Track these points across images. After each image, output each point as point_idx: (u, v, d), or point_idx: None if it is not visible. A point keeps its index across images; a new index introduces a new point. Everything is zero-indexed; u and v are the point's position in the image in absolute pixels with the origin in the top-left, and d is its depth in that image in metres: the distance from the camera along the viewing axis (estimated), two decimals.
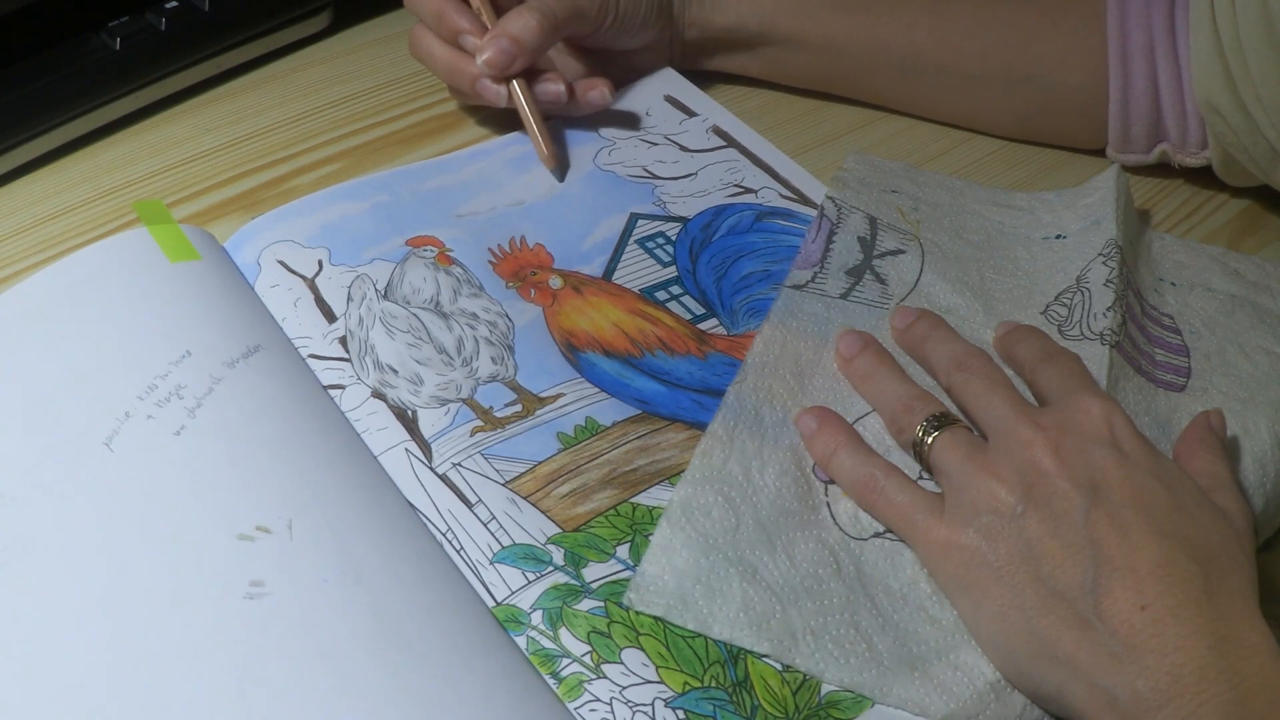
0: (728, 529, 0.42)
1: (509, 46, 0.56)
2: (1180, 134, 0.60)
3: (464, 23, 0.57)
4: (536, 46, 0.56)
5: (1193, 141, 0.60)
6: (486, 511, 0.43)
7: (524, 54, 0.56)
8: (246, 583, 0.39)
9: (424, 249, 0.53)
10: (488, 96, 0.58)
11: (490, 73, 0.56)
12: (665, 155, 0.60)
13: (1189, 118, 0.60)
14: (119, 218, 0.56)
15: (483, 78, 0.57)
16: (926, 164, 0.63)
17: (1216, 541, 0.38)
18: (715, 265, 0.54)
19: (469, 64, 0.57)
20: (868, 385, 0.48)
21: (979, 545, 0.40)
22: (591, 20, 0.59)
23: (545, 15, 0.56)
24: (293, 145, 0.61)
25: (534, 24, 0.56)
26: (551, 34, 0.57)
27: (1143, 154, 0.62)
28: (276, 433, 0.44)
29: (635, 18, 0.61)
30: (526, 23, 0.56)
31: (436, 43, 0.58)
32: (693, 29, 0.64)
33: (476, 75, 0.57)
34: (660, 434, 0.47)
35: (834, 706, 0.39)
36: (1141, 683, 0.36)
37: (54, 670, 0.37)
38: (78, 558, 0.40)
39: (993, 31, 0.62)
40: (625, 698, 0.39)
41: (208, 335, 0.46)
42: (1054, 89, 0.62)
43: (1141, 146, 0.62)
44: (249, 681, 0.37)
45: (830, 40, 0.64)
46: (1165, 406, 0.48)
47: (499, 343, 0.49)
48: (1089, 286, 0.51)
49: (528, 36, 0.56)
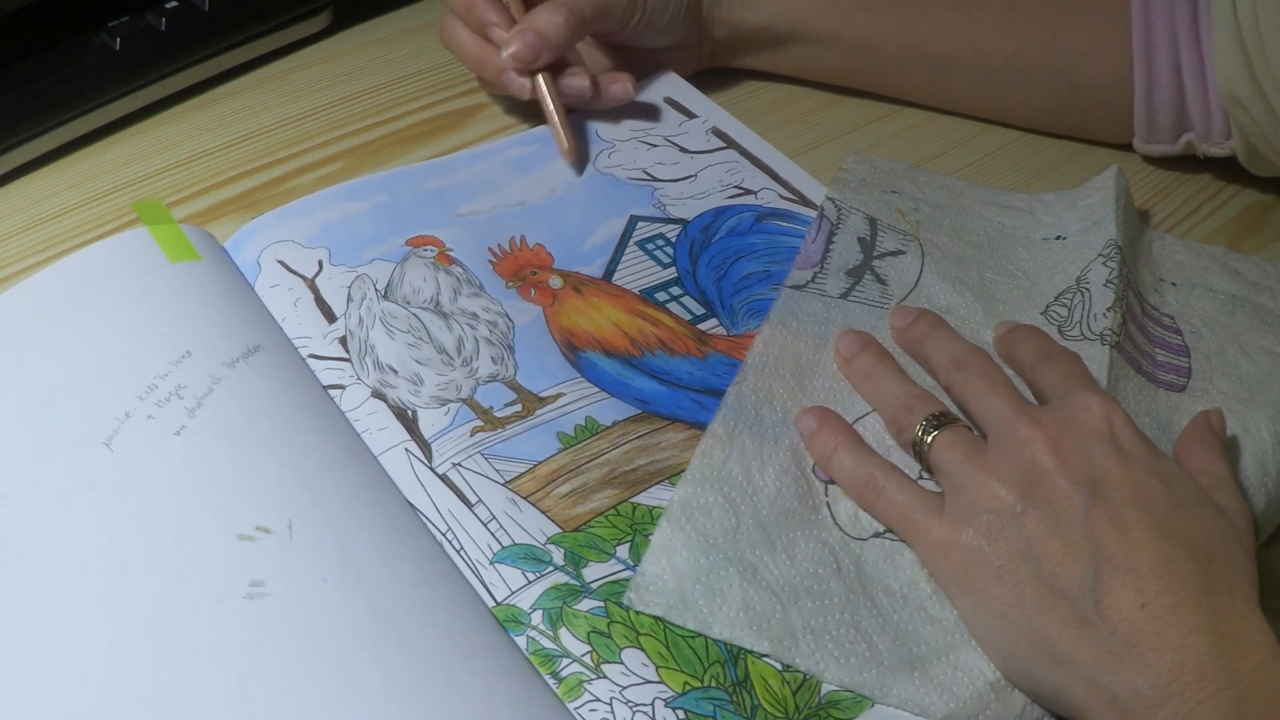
0: (728, 529, 0.42)
1: (535, 41, 0.56)
2: (1205, 124, 0.61)
3: (492, 15, 0.58)
4: (562, 42, 0.57)
5: (1217, 131, 0.61)
6: (486, 511, 0.43)
7: (549, 49, 0.57)
8: (246, 583, 0.39)
9: (424, 249, 0.53)
10: (513, 89, 0.58)
11: (516, 65, 0.57)
12: (665, 157, 0.60)
13: (1213, 108, 0.60)
14: (119, 218, 0.56)
15: (508, 70, 0.58)
16: (926, 164, 0.63)
17: (1216, 540, 0.38)
18: (715, 266, 0.54)
19: (495, 56, 0.58)
20: (867, 385, 0.48)
21: (979, 544, 0.40)
22: (618, 18, 0.59)
23: (572, 11, 0.57)
24: (293, 145, 0.61)
25: (560, 20, 0.56)
26: (578, 30, 0.57)
27: (1168, 144, 0.63)
28: (276, 433, 0.44)
29: (663, 17, 0.61)
30: (553, 18, 0.56)
31: (466, 33, 0.59)
32: (723, 28, 0.65)
33: (502, 67, 0.58)
34: (660, 434, 0.47)
35: (834, 706, 0.39)
36: (1142, 680, 0.36)
37: (54, 670, 0.37)
38: (78, 558, 0.40)
39: (1020, 28, 0.63)
40: (625, 698, 0.39)
41: (208, 335, 0.46)
42: (1081, 83, 0.63)
43: (1167, 137, 0.62)
44: (249, 681, 0.37)
45: (862, 39, 0.64)
46: (1166, 406, 0.48)
47: (499, 342, 0.49)
48: (1089, 287, 0.51)
49: (554, 32, 0.56)
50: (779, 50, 0.66)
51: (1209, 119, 0.60)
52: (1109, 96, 0.63)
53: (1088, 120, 0.65)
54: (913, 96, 0.67)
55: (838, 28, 0.64)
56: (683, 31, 0.63)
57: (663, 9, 0.61)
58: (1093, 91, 0.63)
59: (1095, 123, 0.65)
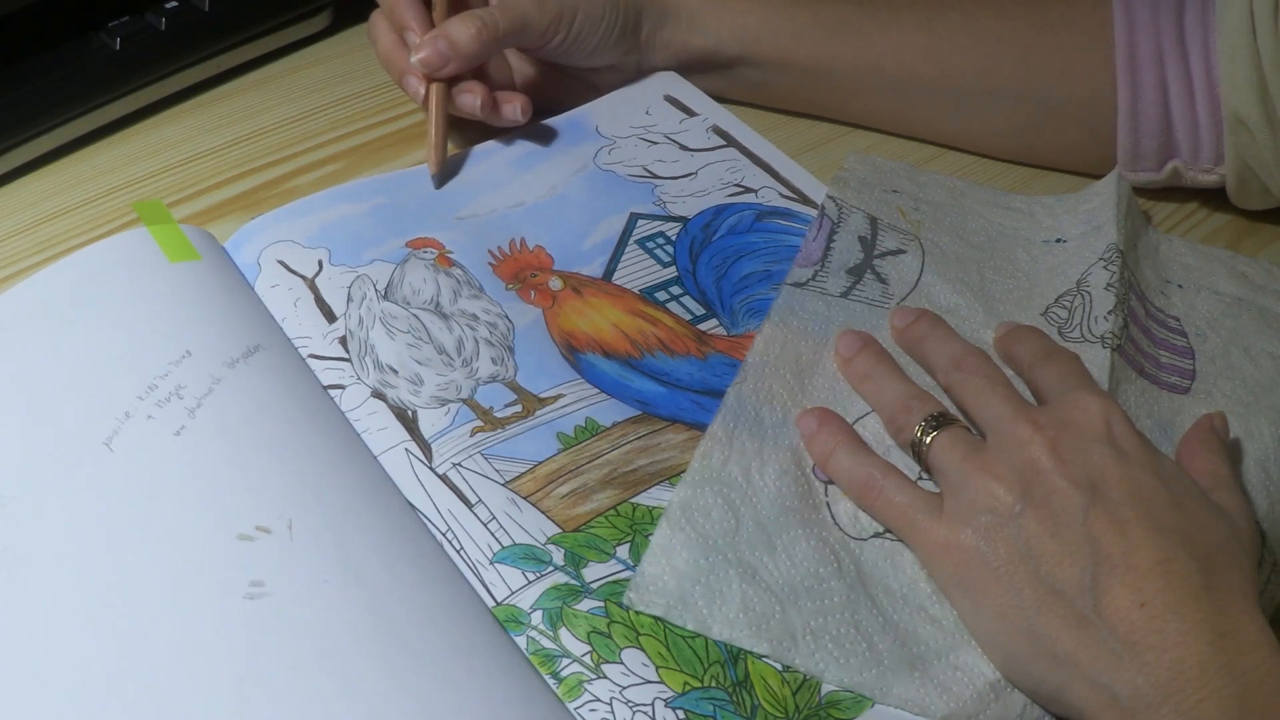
0: (727, 530, 0.42)
1: (445, 49, 0.55)
2: (1192, 147, 0.58)
3: (411, 19, 0.57)
4: (472, 53, 0.56)
5: (1205, 156, 0.58)
6: (486, 511, 0.43)
7: (458, 58, 0.56)
8: (246, 583, 0.39)
9: (424, 250, 0.53)
10: (409, 90, 0.58)
11: (422, 70, 0.56)
12: (665, 154, 0.60)
13: (1201, 130, 0.58)
14: (119, 218, 0.56)
15: (409, 74, 0.57)
16: (926, 164, 0.63)
17: (1215, 538, 0.38)
18: (715, 265, 0.54)
19: (403, 57, 0.57)
20: (866, 385, 0.48)
21: (978, 545, 0.40)
22: (537, 36, 0.58)
23: (485, 25, 0.56)
24: (293, 145, 0.61)
25: (472, 31, 0.55)
26: (490, 44, 0.56)
27: (1154, 172, 0.60)
28: (276, 433, 0.44)
29: (590, 39, 0.59)
30: (466, 29, 0.55)
31: (385, 30, 0.59)
32: (664, 51, 0.62)
33: (405, 70, 0.57)
34: (660, 435, 0.47)
35: (834, 706, 0.39)
36: (1142, 679, 0.36)
37: (54, 670, 0.37)
38: (78, 558, 0.40)
39: (990, 48, 0.60)
40: (625, 698, 0.39)
41: (208, 335, 0.46)
42: (1057, 104, 0.60)
43: (1152, 163, 0.59)
44: (249, 681, 0.37)
45: (817, 62, 0.61)
46: (1169, 408, 0.48)
47: (499, 344, 0.49)
48: (1089, 290, 0.51)
49: (464, 43, 0.55)
50: (728, 74, 0.63)
51: (1197, 142, 0.58)
52: (1088, 114, 0.59)
53: (1063, 146, 0.62)
54: (875, 121, 0.64)
55: (790, 50, 0.61)
56: (616, 55, 0.61)
57: (590, 31, 0.59)
58: (1070, 109, 0.60)
59: (1071, 148, 0.61)
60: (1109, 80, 0.58)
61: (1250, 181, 0.58)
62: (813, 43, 0.61)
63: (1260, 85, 0.54)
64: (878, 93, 0.62)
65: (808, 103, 0.64)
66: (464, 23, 0.56)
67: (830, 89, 0.63)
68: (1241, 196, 0.59)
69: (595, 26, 0.59)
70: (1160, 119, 0.58)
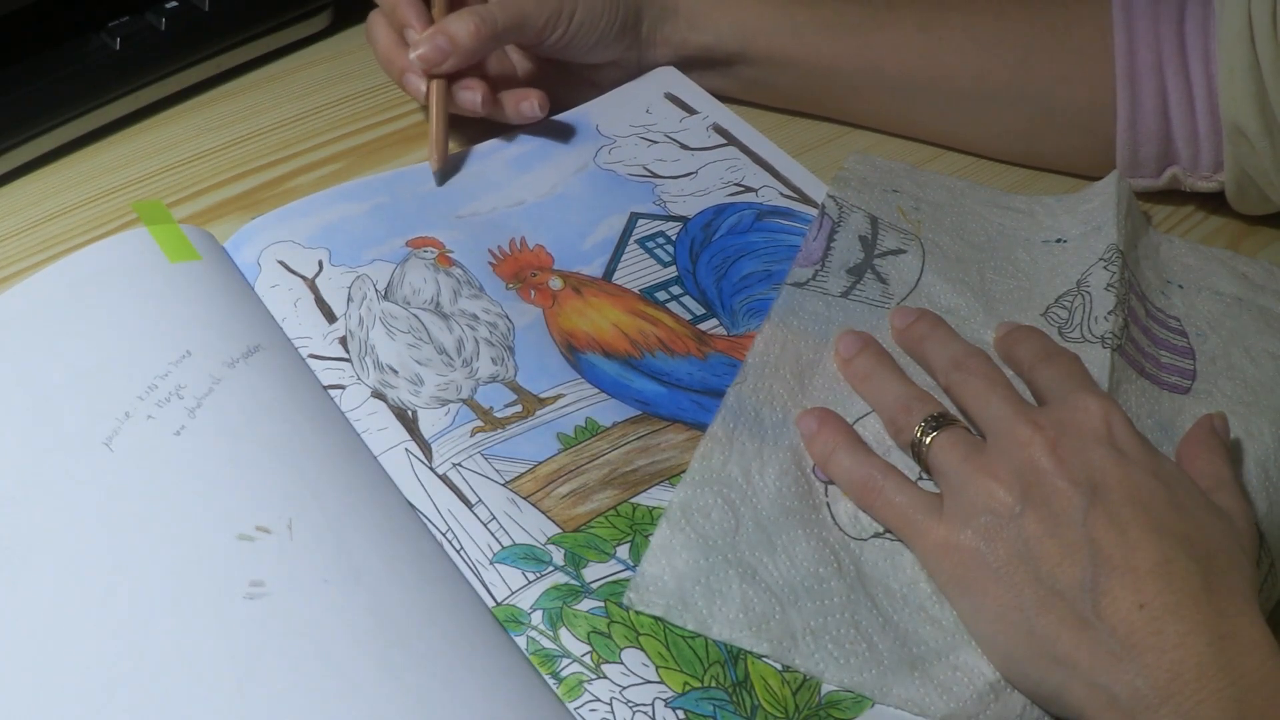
0: (727, 531, 0.42)
1: (444, 45, 0.56)
2: (1191, 155, 0.58)
3: (412, 17, 0.57)
4: (471, 49, 0.56)
5: (1205, 164, 0.58)
6: (486, 511, 0.43)
7: (457, 55, 0.56)
8: (246, 583, 0.39)
9: (424, 250, 0.53)
10: (409, 89, 0.58)
11: (422, 67, 0.56)
12: (665, 154, 0.60)
13: (1200, 138, 0.57)
14: (119, 218, 0.56)
15: (409, 72, 0.57)
16: (926, 164, 0.63)
17: (1215, 539, 0.38)
18: (715, 265, 0.54)
19: (403, 56, 0.57)
20: (866, 385, 0.48)
21: (977, 545, 0.40)
22: (535, 32, 0.58)
23: (484, 21, 0.56)
24: (293, 145, 0.61)
25: (471, 27, 0.56)
26: (490, 40, 0.56)
27: (1152, 178, 0.59)
28: (276, 433, 0.44)
29: (589, 36, 0.59)
30: (465, 25, 0.56)
31: (384, 29, 0.59)
32: (665, 48, 0.62)
33: (405, 68, 0.57)
34: (660, 435, 0.47)
35: (834, 706, 0.39)
36: (1141, 680, 0.36)
37: (54, 670, 0.37)
38: (78, 558, 0.40)
39: (990, 50, 0.60)
40: (625, 698, 0.39)
41: (208, 335, 0.46)
42: (1056, 109, 0.60)
43: (1151, 170, 0.59)
44: (249, 681, 0.37)
45: (815, 60, 0.61)
46: (1169, 408, 0.48)
47: (499, 344, 0.49)
48: (1090, 290, 0.51)
49: (463, 39, 0.56)
50: (728, 71, 0.63)
51: (1196, 150, 0.58)
52: (1086, 119, 0.59)
53: (1061, 149, 0.61)
54: (873, 121, 0.64)
55: (790, 48, 0.61)
56: (617, 51, 0.61)
57: (590, 27, 0.59)
58: (1070, 114, 0.60)
59: (1069, 152, 0.61)
60: (1108, 87, 0.58)
61: (1249, 189, 0.58)
62: (812, 41, 0.61)
63: (1260, 96, 0.54)
64: (877, 92, 0.62)
65: (807, 101, 0.64)
66: (463, 19, 0.56)
67: (829, 88, 0.63)
68: (1241, 203, 0.59)
69: (595, 22, 0.59)
70: (1160, 127, 0.58)
